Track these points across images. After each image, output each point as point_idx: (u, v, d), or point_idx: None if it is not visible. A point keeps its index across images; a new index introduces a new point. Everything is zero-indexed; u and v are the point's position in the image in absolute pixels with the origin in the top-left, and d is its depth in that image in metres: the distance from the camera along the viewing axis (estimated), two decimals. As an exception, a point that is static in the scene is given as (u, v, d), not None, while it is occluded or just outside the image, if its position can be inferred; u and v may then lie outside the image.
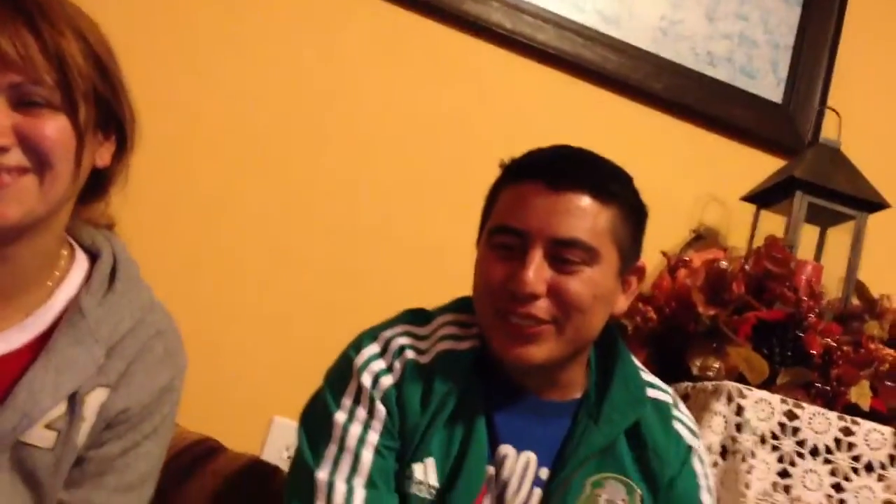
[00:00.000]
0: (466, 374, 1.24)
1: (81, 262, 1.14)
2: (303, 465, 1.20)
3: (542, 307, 1.18)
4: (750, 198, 2.20)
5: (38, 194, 1.00)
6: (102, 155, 1.10)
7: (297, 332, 1.99)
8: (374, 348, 1.25)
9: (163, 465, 1.19)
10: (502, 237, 1.22)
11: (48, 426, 1.04)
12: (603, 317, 1.25)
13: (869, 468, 1.66)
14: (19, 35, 0.96)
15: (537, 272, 1.18)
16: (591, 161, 1.27)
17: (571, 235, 1.19)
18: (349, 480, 1.17)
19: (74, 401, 1.05)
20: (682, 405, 1.37)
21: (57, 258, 1.11)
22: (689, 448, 1.31)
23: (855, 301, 1.99)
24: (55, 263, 1.11)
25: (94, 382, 1.07)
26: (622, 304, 1.29)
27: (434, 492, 1.20)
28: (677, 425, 1.32)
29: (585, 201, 1.20)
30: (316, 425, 1.22)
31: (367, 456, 1.18)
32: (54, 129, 0.99)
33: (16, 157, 0.98)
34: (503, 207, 1.24)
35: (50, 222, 1.06)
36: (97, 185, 1.12)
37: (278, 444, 1.92)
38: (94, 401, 1.07)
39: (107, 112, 1.07)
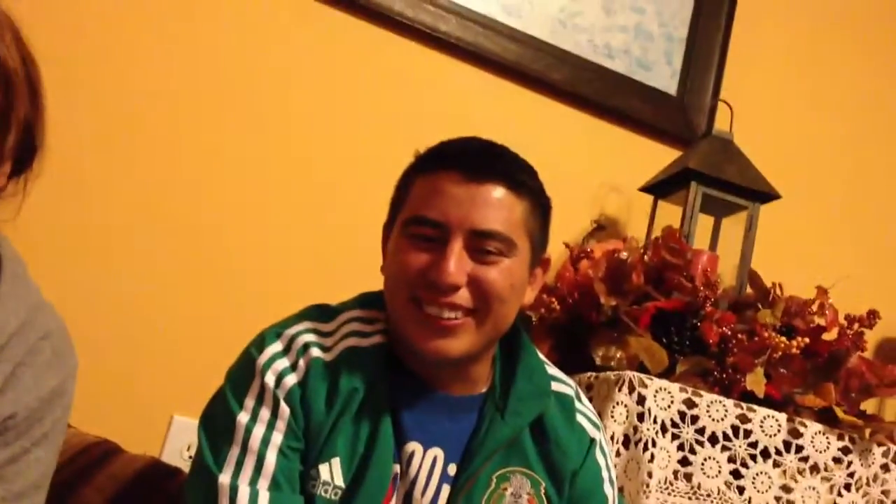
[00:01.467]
0: (372, 370, 1.22)
1: None
2: (204, 468, 1.16)
3: (462, 297, 1.18)
4: (647, 188, 2.23)
5: None
6: None
7: (198, 329, 1.94)
8: (277, 346, 1.22)
9: (57, 469, 1.14)
10: (419, 228, 1.21)
11: None
12: (516, 308, 1.26)
13: (765, 454, 1.71)
14: None
15: (458, 263, 1.17)
16: (504, 153, 1.27)
17: (491, 227, 1.19)
18: (253, 483, 1.14)
19: None
20: (584, 398, 1.38)
21: None
22: (592, 440, 1.33)
23: (748, 290, 2.04)
24: None
25: None
26: (530, 296, 1.30)
27: (340, 492, 1.18)
28: (580, 418, 1.33)
29: (501, 193, 1.21)
30: (217, 427, 1.18)
31: (272, 457, 1.15)
32: None
33: None
34: (418, 197, 1.23)
35: None
36: None
37: (178, 443, 1.88)
38: None
39: (25, 138, 1.02)
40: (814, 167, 2.61)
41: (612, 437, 1.64)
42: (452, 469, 1.24)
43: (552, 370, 1.36)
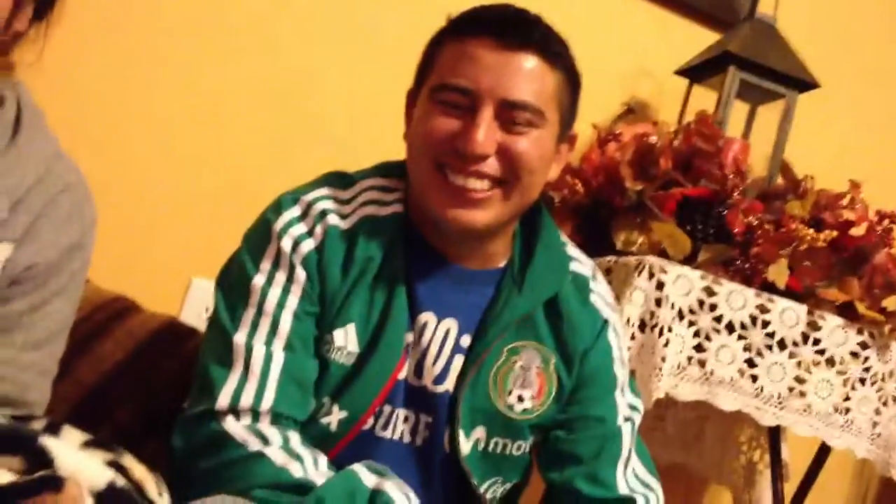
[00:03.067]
0: (389, 239, 1.21)
1: None
2: (220, 327, 1.17)
3: (490, 166, 1.16)
4: (682, 72, 2.17)
5: None
6: (21, 20, 1.02)
7: (216, 191, 1.93)
8: (294, 211, 1.21)
9: (76, 323, 1.16)
10: (448, 94, 1.17)
11: None
12: (543, 181, 1.24)
13: (782, 345, 1.70)
14: None
15: (488, 132, 1.15)
16: (540, 22, 1.23)
17: (523, 97, 1.16)
18: (268, 344, 1.15)
19: None
20: (601, 278, 1.37)
21: None
22: (605, 321, 1.33)
23: (779, 180, 2.00)
24: None
25: None
26: (555, 171, 1.28)
27: (353, 357, 1.19)
28: (594, 298, 1.33)
29: (535, 62, 1.17)
30: (234, 288, 1.19)
31: (287, 320, 1.16)
32: None
33: None
34: (448, 63, 1.19)
35: None
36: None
37: (197, 305, 1.90)
38: None
39: None
40: (856, 58, 2.51)
41: (627, 321, 1.64)
42: (465, 340, 1.24)
43: (571, 249, 1.35)
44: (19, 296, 1.06)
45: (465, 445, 1.24)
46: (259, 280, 1.17)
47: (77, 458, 0.91)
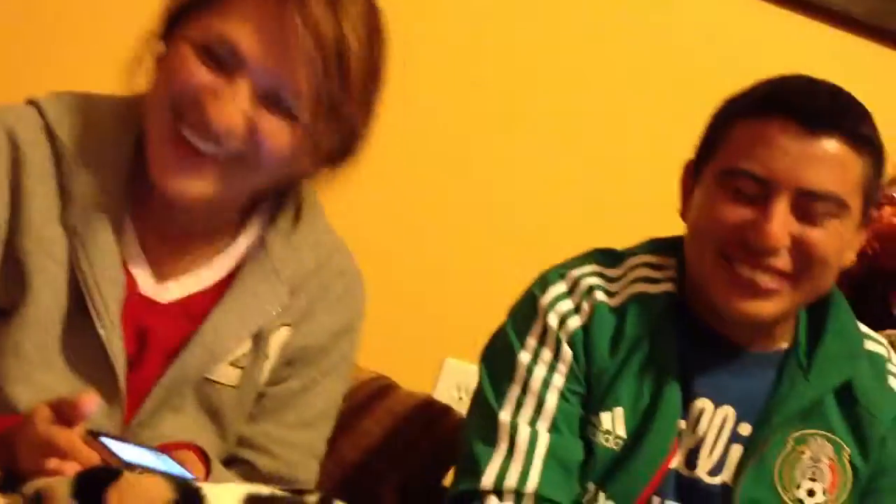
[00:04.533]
0: (660, 319, 1.15)
1: (267, 202, 1.12)
2: (484, 404, 1.16)
3: (783, 260, 1.08)
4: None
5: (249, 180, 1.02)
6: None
7: (470, 273, 1.94)
8: (561, 287, 1.18)
9: (340, 402, 1.19)
10: (739, 181, 1.09)
11: (233, 364, 1.05)
12: (836, 272, 1.15)
13: None
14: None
15: (782, 224, 1.07)
16: (845, 98, 1.13)
17: (824, 188, 1.07)
18: (533, 423, 1.12)
19: (259, 339, 1.06)
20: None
21: (245, 197, 1.10)
22: None
23: None
24: (243, 202, 1.10)
25: (279, 321, 1.07)
26: (850, 256, 1.17)
27: (621, 442, 1.14)
28: (892, 380, 1.20)
29: (840, 148, 1.08)
30: (499, 364, 1.17)
31: (552, 399, 1.13)
32: (285, 136, 0.99)
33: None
34: (741, 145, 1.11)
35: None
36: None
37: (450, 385, 1.91)
38: (278, 339, 1.08)
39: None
40: None
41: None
42: (744, 429, 1.16)
43: (864, 328, 1.24)
44: (293, 376, 1.11)
45: None
46: (524, 357, 1.15)
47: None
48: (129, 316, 1.00)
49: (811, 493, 1.15)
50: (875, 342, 1.22)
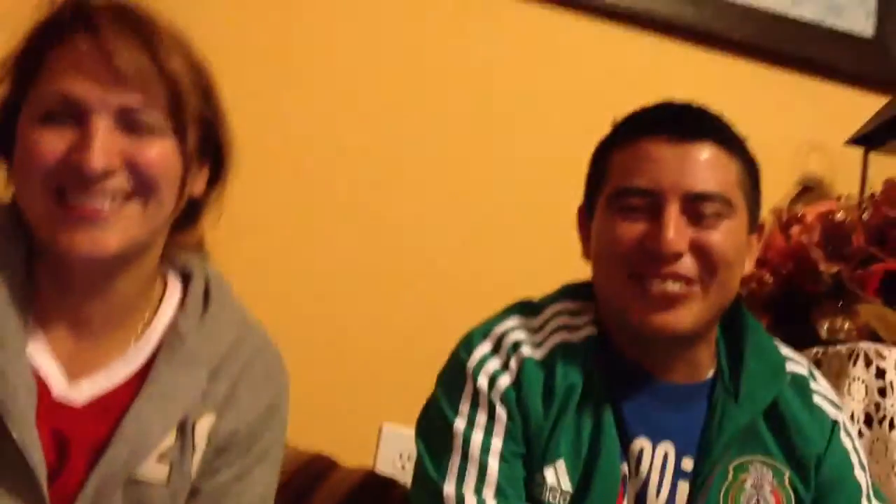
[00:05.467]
0: (587, 364, 1.15)
1: (175, 286, 1.11)
2: (427, 479, 1.12)
3: (687, 265, 1.10)
4: (856, 140, 2.05)
5: (141, 221, 0.98)
6: (198, 183, 1.07)
7: (401, 336, 1.92)
8: (486, 346, 1.17)
9: (278, 487, 1.16)
10: (629, 199, 1.13)
11: (160, 459, 1.01)
12: (740, 276, 1.17)
13: None
14: (134, 56, 0.94)
15: (678, 229, 1.09)
16: (709, 112, 1.19)
17: (708, 188, 1.11)
18: (479, 492, 1.09)
19: (184, 430, 1.03)
20: (819, 376, 1.27)
21: (153, 285, 1.08)
22: (834, 423, 1.21)
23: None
24: (152, 291, 1.08)
25: (202, 407, 1.04)
26: (748, 265, 1.20)
27: (568, 496, 1.12)
28: (818, 399, 1.22)
29: (714, 151, 1.13)
30: (435, 435, 1.15)
31: (494, 464, 1.11)
32: (162, 154, 0.98)
33: (121, 182, 0.96)
34: (623, 168, 1.15)
35: (149, 249, 1.04)
36: (189, 213, 1.09)
37: (391, 452, 1.87)
38: (203, 427, 1.05)
39: (207, 138, 1.05)
40: None
41: (851, 416, 1.50)
42: (686, 464, 1.15)
43: (783, 348, 1.26)
44: (225, 466, 1.07)
45: None
46: (459, 424, 1.12)
47: None
48: (45, 422, 0.96)
49: None
50: (795, 363, 1.24)
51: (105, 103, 0.94)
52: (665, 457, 1.14)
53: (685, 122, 1.15)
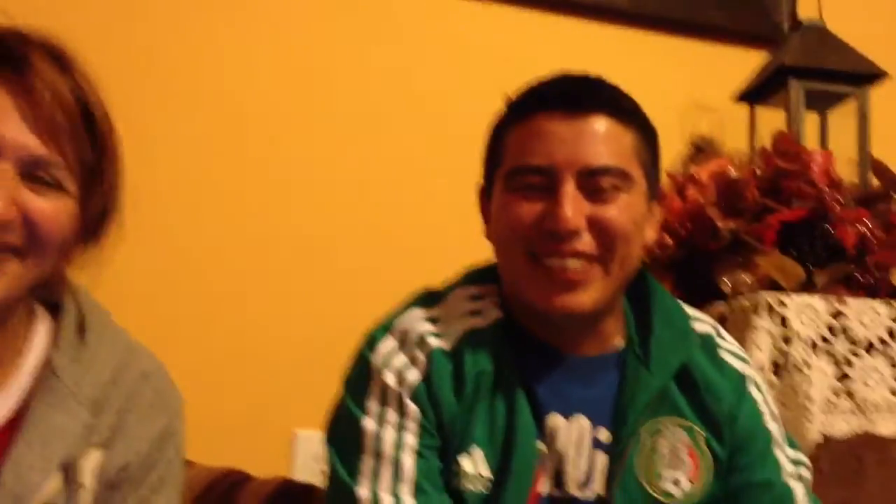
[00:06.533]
0: (496, 348, 1.13)
1: (44, 320, 1.03)
2: (340, 484, 1.08)
3: (586, 242, 1.09)
4: (742, 97, 2.09)
5: (23, 275, 0.93)
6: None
7: (307, 339, 1.89)
8: (390, 342, 1.13)
9: (190, 507, 1.10)
10: (525, 177, 1.11)
11: None
12: (640, 248, 1.16)
13: (931, 350, 1.58)
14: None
15: (574, 206, 1.08)
16: (602, 82, 1.17)
17: (603, 162, 1.10)
18: (394, 491, 1.06)
19: (69, 470, 0.96)
20: (724, 333, 1.27)
21: (22, 322, 1.01)
22: (743, 376, 1.21)
23: (874, 182, 1.88)
24: (20, 329, 1.01)
25: (86, 445, 0.98)
26: (650, 234, 1.20)
27: (489, 483, 1.09)
28: (725, 355, 1.22)
29: (608, 124, 1.11)
30: (344, 438, 1.11)
31: (409, 461, 1.07)
32: (62, 212, 0.93)
33: (14, 237, 0.91)
34: (517, 146, 1.13)
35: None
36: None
37: (306, 458, 1.84)
38: (90, 464, 0.98)
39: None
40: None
41: (759, 368, 1.52)
42: (603, 434, 1.14)
43: (688, 309, 1.25)
44: (122, 501, 1.01)
45: None
46: (369, 424, 1.09)
47: None
48: None
49: (676, 482, 1.14)
50: (701, 322, 1.24)
51: None
52: (580, 430, 1.13)
53: (577, 96, 1.13)
